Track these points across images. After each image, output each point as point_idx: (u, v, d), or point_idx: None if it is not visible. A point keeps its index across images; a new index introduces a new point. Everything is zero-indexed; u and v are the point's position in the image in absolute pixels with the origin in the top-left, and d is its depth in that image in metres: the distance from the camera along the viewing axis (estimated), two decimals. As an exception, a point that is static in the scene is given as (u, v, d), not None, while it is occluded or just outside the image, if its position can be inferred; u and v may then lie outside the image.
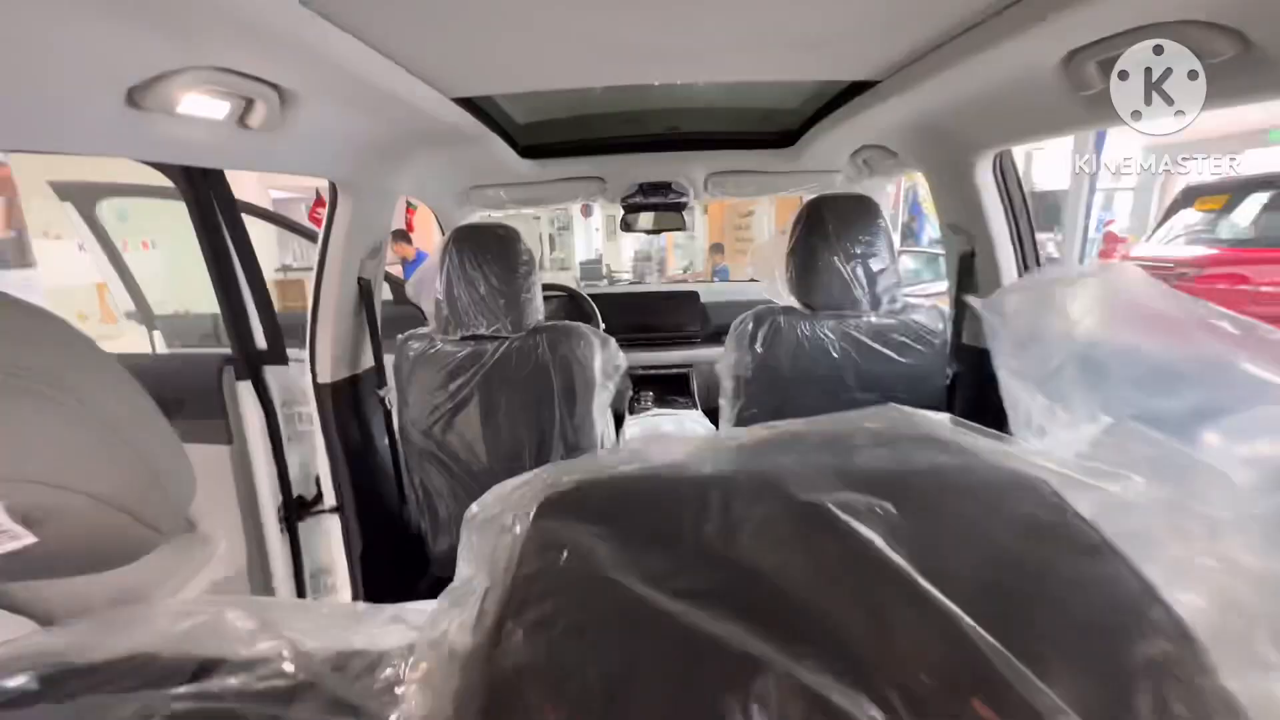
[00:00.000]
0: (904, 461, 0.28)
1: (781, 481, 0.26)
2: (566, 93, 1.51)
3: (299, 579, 1.58)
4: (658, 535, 0.25)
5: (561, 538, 0.25)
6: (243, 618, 0.29)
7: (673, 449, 0.31)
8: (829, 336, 1.38)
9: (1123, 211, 10.34)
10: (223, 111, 0.79)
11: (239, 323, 1.39)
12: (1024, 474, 0.26)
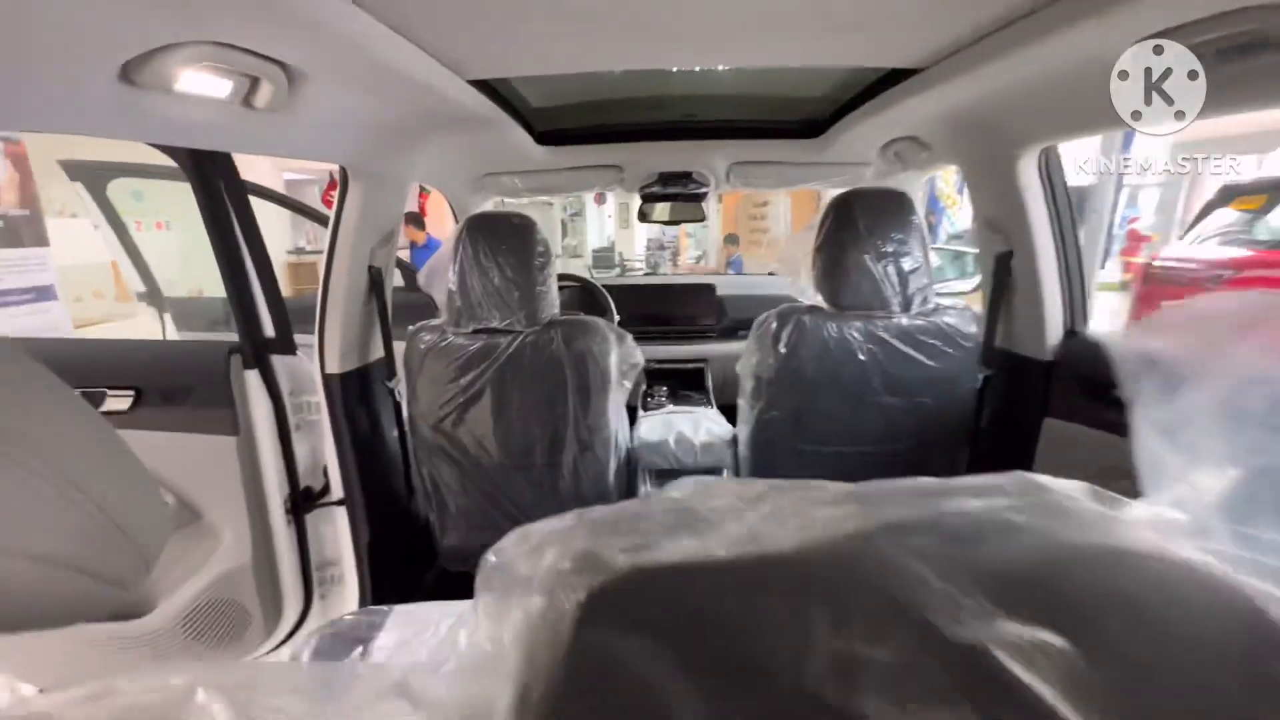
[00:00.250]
0: (1062, 563, 0.22)
1: (913, 602, 0.20)
2: (584, 78, 1.44)
3: (305, 572, 1.56)
4: (744, 663, 0.20)
5: (617, 663, 0.20)
6: (215, 699, 0.25)
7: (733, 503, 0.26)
8: (856, 338, 1.32)
9: (1148, 208, 10.10)
10: (225, 90, 0.74)
11: (246, 311, 1.35)
12: (1228, 585, 0.20)
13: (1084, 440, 1.25)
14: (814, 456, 1.44)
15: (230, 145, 0.93)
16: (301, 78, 0.83)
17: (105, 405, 1.30)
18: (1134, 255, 8.69)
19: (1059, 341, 1.34)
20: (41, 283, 4.50)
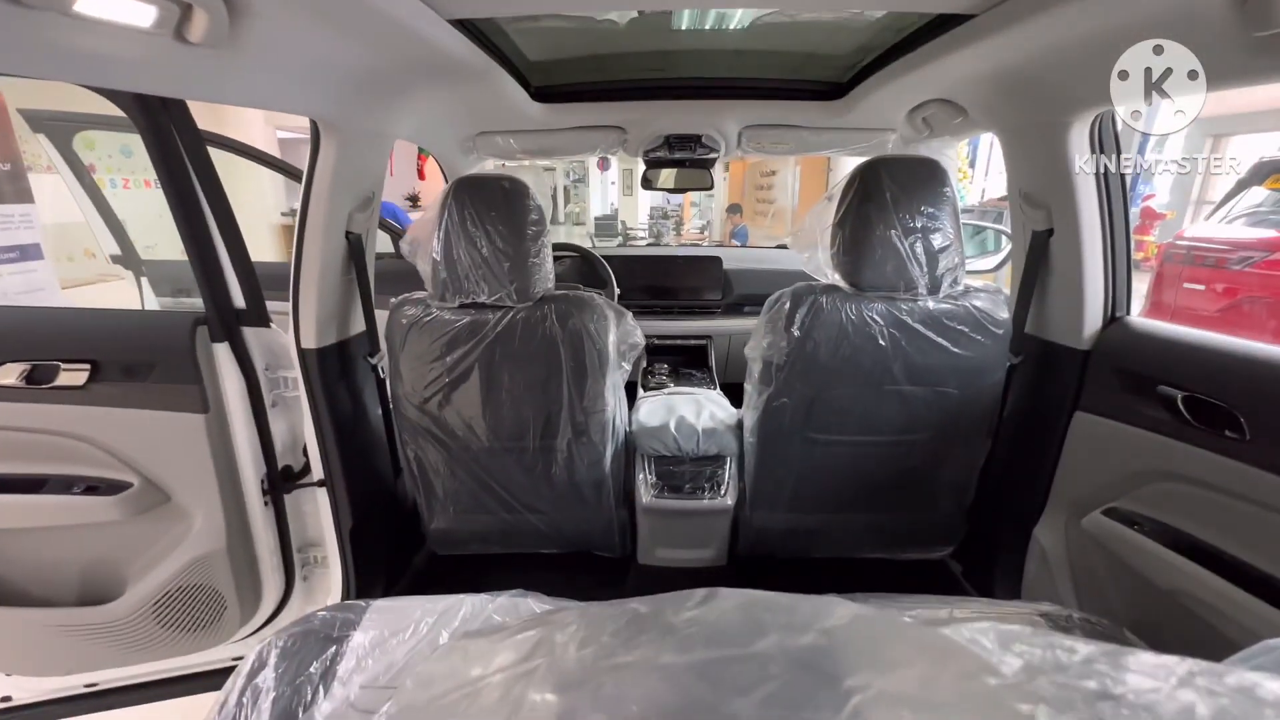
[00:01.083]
0: None
1: None
2: (585, 30, 1.30)
3: (286, 554, 1.49)
4: None
5: None
6: None
7: None
8: (877, 321, 1.21)
9: (1163, 186, 9.83)
10: (147, 18, 0.61)
11: (212, 278, 1.24)
12: None
13: (1119, 438, 1.15)
14: (825, 446, 1.35)
15: (162, 88, 0.79)
16: (246, 9, 0.70)
17: (58, 379, 1.19)
18: (1148, 234, 8.51)
19: (1098, 329, 1.23)
20: (27, 241, 4.35)
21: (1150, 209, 8.78)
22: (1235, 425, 0.93)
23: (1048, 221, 1.24)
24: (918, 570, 1.57)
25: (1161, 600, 1.02)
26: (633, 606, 0.42)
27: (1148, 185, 9.67)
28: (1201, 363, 1.02)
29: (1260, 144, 8.14)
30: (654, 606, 0.41)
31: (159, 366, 1.24)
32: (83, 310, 1.42)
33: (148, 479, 1.28)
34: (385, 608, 1.05)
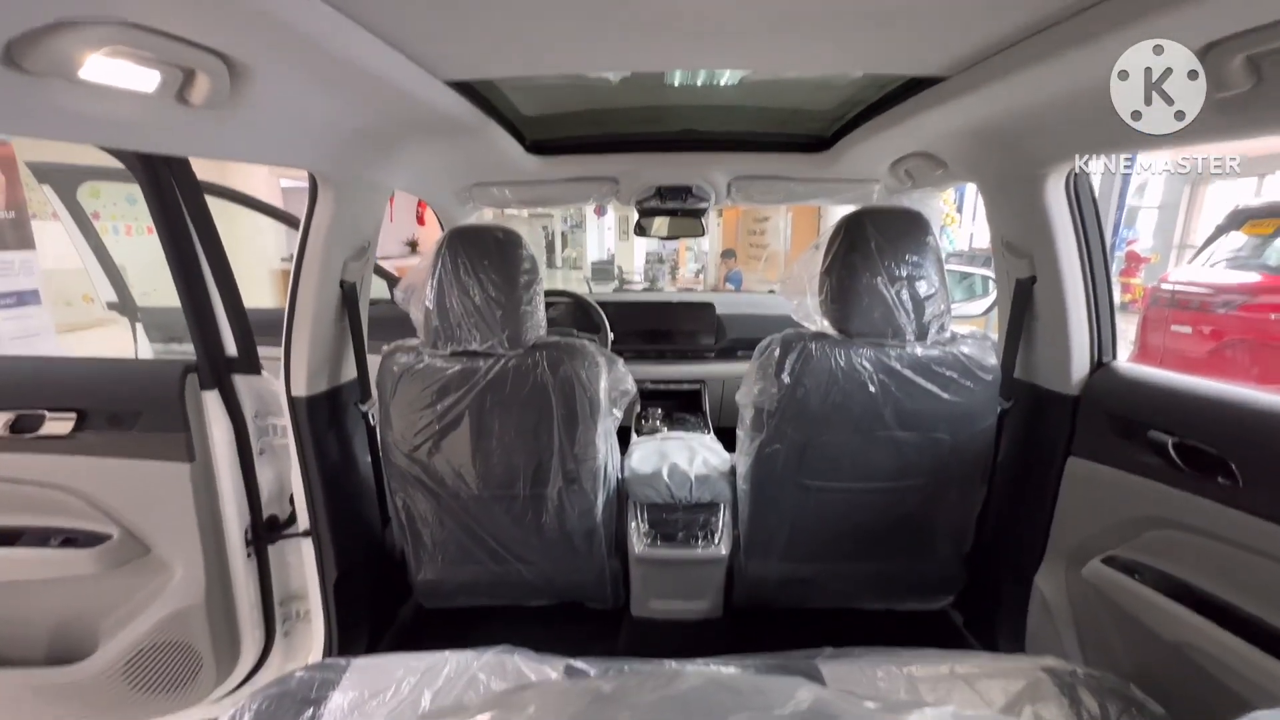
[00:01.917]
0: None
1: None
2: (578, 87, 1.35)
3: (267, 608, 1.44)
4: None
5: None
6: None
7: None
8: (866, 368, 1.22)
9: (1146, 230, 10.09)
10: (151, 83, 0.64)
11: (205, 326, 1.24)
12: None
13: (1114, 483, 1.14)
14: (819, 493, 1.33)
15: (163, 146, 0.82)
16: (247, 73, 0.72)
17: (44, 428, 1.18)
18: (1133, 276, 8.68)
19: (1086, 375, 1.24)
20: (25, 287, 4.38)
21: (1134, 253, 8.99)
22: (1227, 471, 0.93)
23: (1030, 269, 1.26)
24: (918, 621, 1.53)
25: (1166, 653, 0.99)
26: (596, 684, 0.41)
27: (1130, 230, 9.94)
28: (1190, 408, 1.02)
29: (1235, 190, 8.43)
30: (618, 685, 0.40)
31: (146, 415, 1.23)
32: (72, 359, 1.42)
33: (128, 530, 1.25)
34: (366, 666, 1.01)
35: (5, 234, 4.20)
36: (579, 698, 0.39)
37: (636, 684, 0.39)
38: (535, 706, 0.39)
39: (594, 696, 0.38)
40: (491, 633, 1.29)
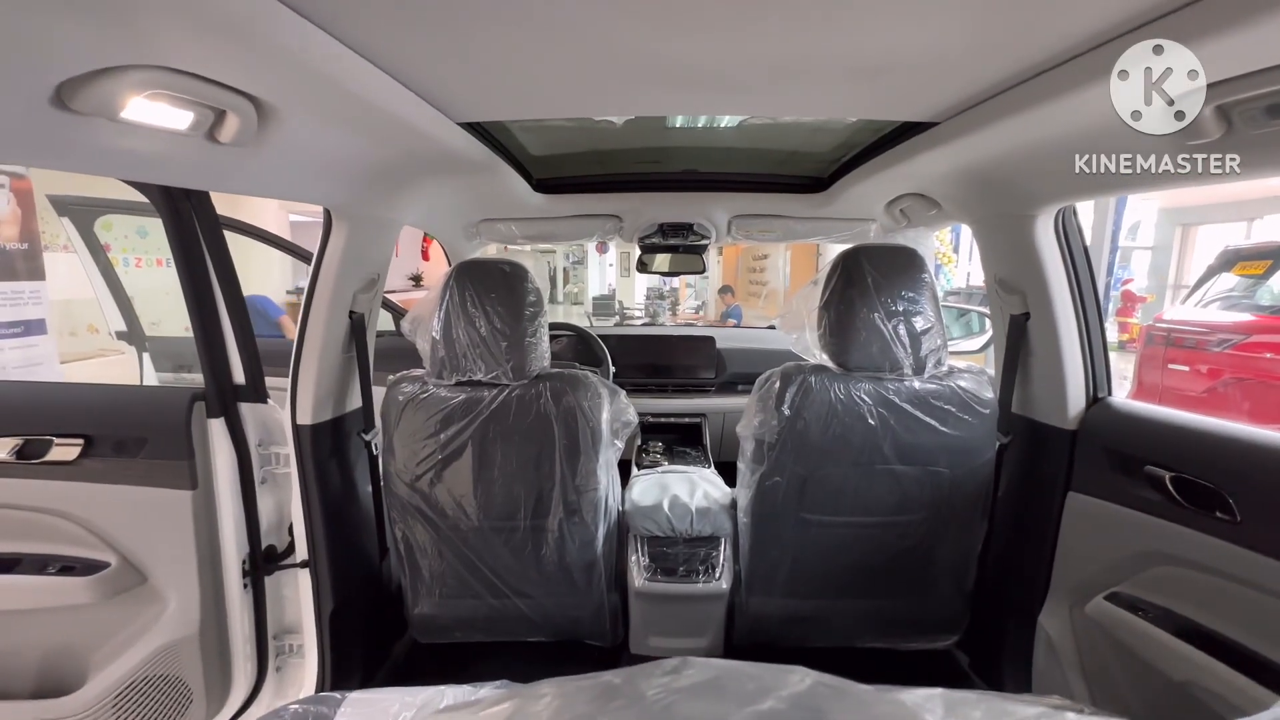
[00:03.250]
0: None
1: None
2: (584, 127, 1.41)
3: (260, 642, 1.42)
4: None
5: None
6: None
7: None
8: (865, 401, 1.23)
9: (1140, 270, 10.25)
10: (185, 122, 0.68)
11: (214, 355, 1.27)
12: None
13: (1114, 519, 1.14)
14: (819, 527, 1.33)
15: (194, 182, 0.86)
16: (273, 112, 0.77)
17: (51, 454, 1.19)
18: (1129, 315, 8.78)
19: (1082, 410, 1.25)
20: (33, 316, 4.44)
21: (1130, 292, 9.11)
22: (1226, 507, 0.94)
23: (1023, 306, 1.29)
24: (923, 661, 1.50)
25: (1174, 692, 0.98)
26: (607, 678, 0.42)
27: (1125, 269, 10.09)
28: (1187, 443, 1.03)
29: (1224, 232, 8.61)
30: (626, 677, 0.41)
31: (151, 441, 1.24)
32: (82, 385, 1.44)
33: (126, 559, 1.25)
34: (361, 700, 1.00)
35: (17, 265, 4.28)
36: (593, 688, 0.41)
37: (645, 675, 0.41)
38: (551, 696, 0.39)
39: (606, 686, 0.40)
40: (487, 670, 1.27)
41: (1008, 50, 0.75)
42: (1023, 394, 1.37)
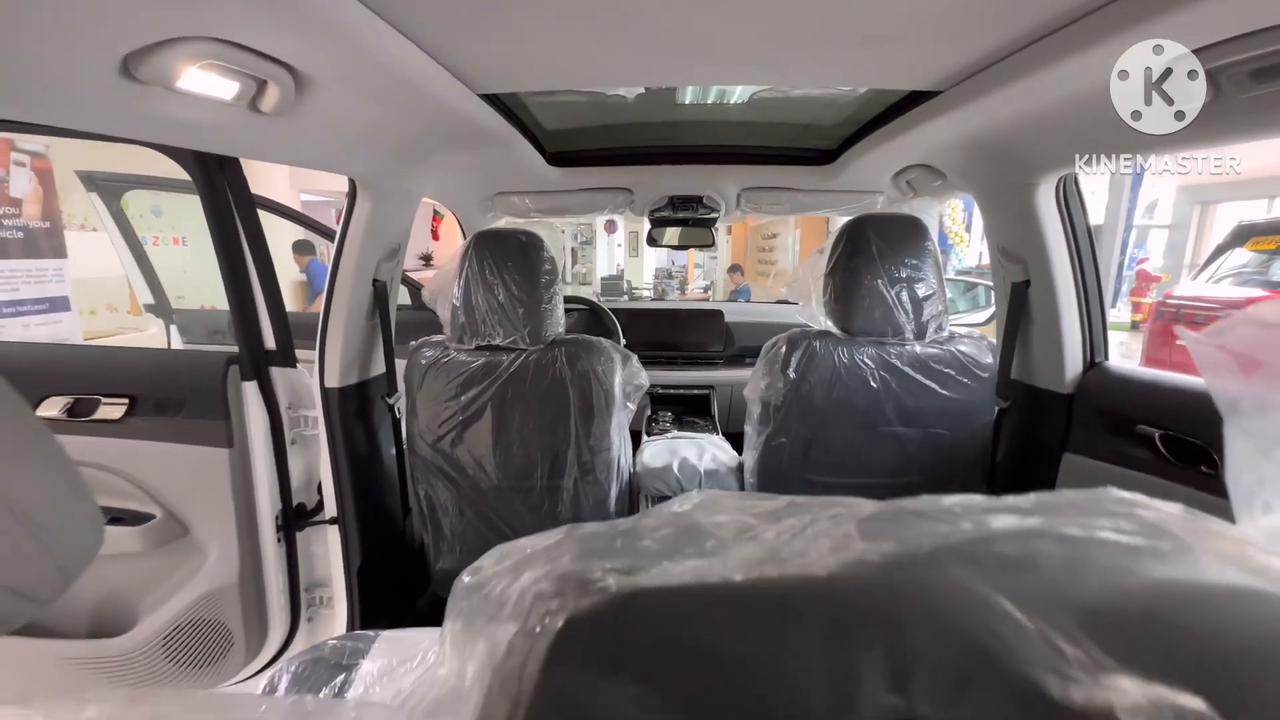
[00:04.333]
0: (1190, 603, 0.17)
1: (1001, 652, 0.15)
2: (597, 102, 1.45)
3: (293, 593, 1.51)
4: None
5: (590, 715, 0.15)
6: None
7: (745, 520, 0.21)
8: (868, 365, 1.28)
9: (1156, 249, 10.10)
10: (231, 91, 0.73)
11: (248, 321, 1.33)
12: None
13: (1108, 478, 1.19)
14: (823, 489, 1.39)
15: (235, 149, 0.92)
16: (309, 83, 0.82)
17: (98, 413, 1.27)
18: (1144, 295, 8.67)
19: (1079, 374, 1.29)
20: (56, 294, 4.55)
21: (1145, 271, 8.99)
22: (1209, 461, 0.98)
23: (1024, 274, 1.33)
24: None
25: None
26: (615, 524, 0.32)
27: (1141, 249, 9.94)
28: (1174, 402, 1.08)
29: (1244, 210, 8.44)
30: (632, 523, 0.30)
31: (190, 402, 1.32)
32: (124, 349, 1.52)
33: (170, 512, 1.33)
34: (393, 638, 1.08)
35: (40, 243, 4.38)
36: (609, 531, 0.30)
37: None
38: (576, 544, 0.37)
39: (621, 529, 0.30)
40: None
41: (1009, 16, 0.78)
42: (1022, 360, 1.41)
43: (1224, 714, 0.13)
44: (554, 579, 0.19)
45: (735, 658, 0.16)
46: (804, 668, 0.15)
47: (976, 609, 0.16)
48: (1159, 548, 0.19)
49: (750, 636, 0.17)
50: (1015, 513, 0.21)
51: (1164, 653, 0.15)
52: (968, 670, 0.15)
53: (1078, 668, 0.15)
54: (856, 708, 0.14)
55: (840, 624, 0.17)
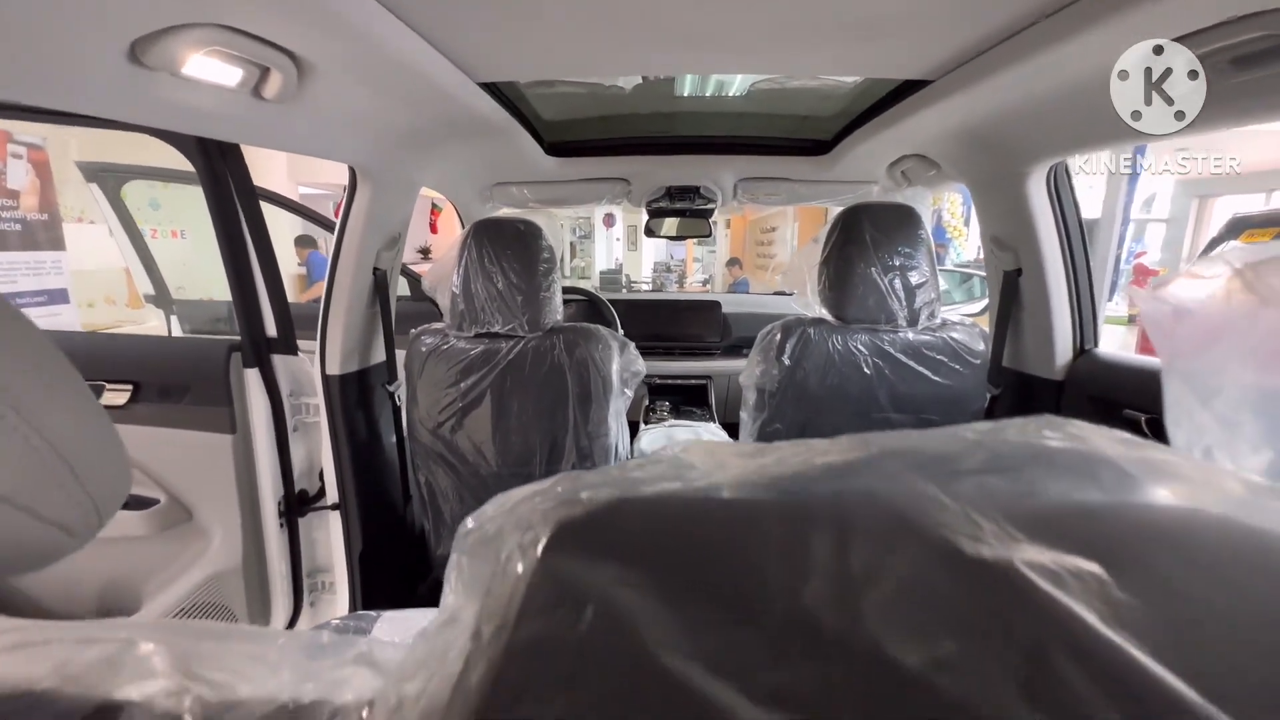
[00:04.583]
0: (1083, 492, 0.20)
1: (929, 525, 0.18)
2: (595, 93, 1.46)
3: (296, 578, 1.53)
4: (730, 589, 0.17)
5: (581, 586, 0.17)
6: (158, 652, 0.23)
7: (726, 458, 0.23)
8: (861, 351, 1.30)
9: (1154, 244, 10.12)
10: (234, 78, 0.75)
11: (249, 309, 1.35)
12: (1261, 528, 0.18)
13: None
14: None
15: (238, 136, 0.93)
16: (311, 70, 0.83)
17: (103, 399, 1.29)
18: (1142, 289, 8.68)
19: (1069, 361, 1.32)
20: (55, 286, 4.56)
21: (1143, 265, 9.02)
22: None
23: (1016, 262, 1.35)
24: None
25: None
26: None
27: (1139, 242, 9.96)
28: (1158, 387, 1.10)
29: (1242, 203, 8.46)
30: None
31: (194, 389, 1.34)
32: (128, 336, 1.53)
33: (173, 496, 1.35)
34: (395, 617, 1.10)
35: (38, 235, 4.38)
36: None
37: None
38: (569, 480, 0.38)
39: None
40: None
41: (995, 5, 0.80)
42: (1013, 347, 1.43)
43: (1118, 581, 0.16)
44: (547, 497, 0.21)
45: (706, 543, 0.18)
46: (763, 547, 0.18)
47: (910, 493, 0.18)
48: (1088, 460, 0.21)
49: (719, 528, 0.19)
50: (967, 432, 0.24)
51: (1076, 535, 0.17)
52: (895, 535, 0.17)
53: (990, 536, 0.17)
54: (807, 575, 0.16)
55: (797, 511, 0.19)
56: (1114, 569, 0.16)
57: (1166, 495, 0.19)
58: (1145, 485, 0.20)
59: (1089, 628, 0.15)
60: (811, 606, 0.16)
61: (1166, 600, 0.16)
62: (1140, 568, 0.16)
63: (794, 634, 0.15)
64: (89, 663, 0.22)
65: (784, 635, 0.15)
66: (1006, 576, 0.16)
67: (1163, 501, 0.19)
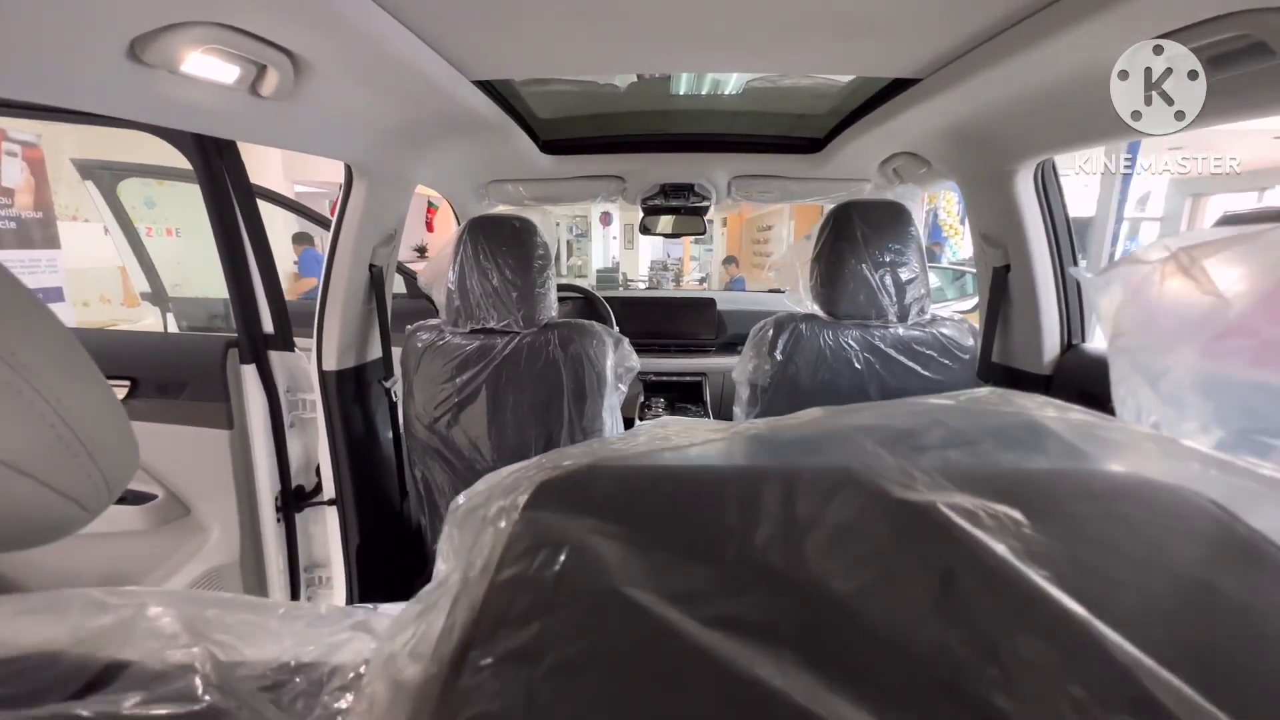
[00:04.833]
0: (1022, 459, 0.22)
1: (866, 476, 0.19)
2: (589, 91, 1.47)
3: (293, 572, 1.54)
4: (690, 538, 0.19)
5: (557, 534, 0.19)
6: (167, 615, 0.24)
7: (699, 431, 0.25)
8: (852, 347, 1.32)
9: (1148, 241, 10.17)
10: (232, 76, 0.76)
11: (246, 305, 1.36)
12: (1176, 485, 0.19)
13: None
14: None
15: (236, 133, 0.94)
16: (308, 68, 0.84)
17: (100, 395, 1.30)
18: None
19: (1056, 356, 1.34)
20: (50, 284, 4.55)
21: (1136, 264, 9.06)
22: None
23: (1005, 258, 1.37)
24: None
25: None
26: None
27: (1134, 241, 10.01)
28: None
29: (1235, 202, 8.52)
30: None
31: (191, 385, 1.35)
32: (126, 332, 1.54)
33: (171, 491, 1.36)
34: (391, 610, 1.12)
35: (33, 233, 4.37)
36: None
37: None
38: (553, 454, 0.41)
39: None
40: None
41: (981, 4, 0.82)
42: (1002, 343, 1.45)
43: (1034, 524, 0.17)
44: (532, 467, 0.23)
45: (676, 502, 0.20)
46: (724, 501, 0.19)
47: (854, 450, 0.20)
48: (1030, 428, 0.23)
49: (688, 487, 0.21)
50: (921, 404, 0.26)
51: (996, 484, 0.19)
52: (837, 487, 0.19)
53: (920, 484, 0.18)
54: (759, 523, 0.18)
55: (755, 474, 0.21)
56: (1032, 515, 0.18)
57: (1100, 458, 0.21)
58: (1083, 451, 0.21)
59: (998, 557, 0.16)
60: (760, 549, 0.17)
61: (1077, 541, 0.17)
62: (1059, 517, 0.18)
63: (744, 572, 0.17)
64: (104, 626, 0.23)
65: (735, 573, 0.17)
66: (928, 515, 0.17)
67: (1094, 465, 0.21)
